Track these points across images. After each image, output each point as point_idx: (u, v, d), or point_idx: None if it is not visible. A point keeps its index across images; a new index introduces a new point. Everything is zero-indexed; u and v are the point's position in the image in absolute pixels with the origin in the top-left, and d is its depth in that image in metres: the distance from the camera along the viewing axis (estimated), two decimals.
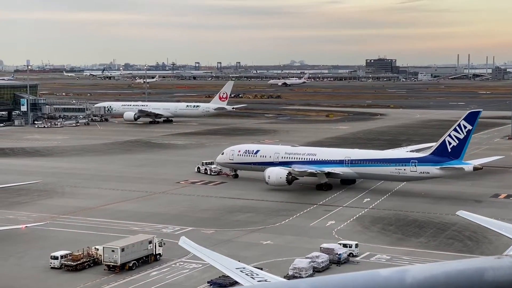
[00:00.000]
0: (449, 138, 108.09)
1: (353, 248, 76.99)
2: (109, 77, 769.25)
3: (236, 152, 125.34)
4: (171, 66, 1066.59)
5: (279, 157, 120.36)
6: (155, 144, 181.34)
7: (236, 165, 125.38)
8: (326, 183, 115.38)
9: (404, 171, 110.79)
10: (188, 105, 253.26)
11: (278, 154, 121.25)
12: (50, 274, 70.34)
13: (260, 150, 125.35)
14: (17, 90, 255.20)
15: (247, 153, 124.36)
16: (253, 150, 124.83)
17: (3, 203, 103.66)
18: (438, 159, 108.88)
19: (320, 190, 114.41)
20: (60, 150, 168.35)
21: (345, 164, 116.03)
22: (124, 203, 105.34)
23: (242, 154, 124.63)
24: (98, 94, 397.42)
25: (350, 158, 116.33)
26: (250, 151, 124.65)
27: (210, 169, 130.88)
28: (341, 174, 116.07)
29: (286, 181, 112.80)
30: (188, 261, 72.65)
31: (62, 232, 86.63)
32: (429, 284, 7.56)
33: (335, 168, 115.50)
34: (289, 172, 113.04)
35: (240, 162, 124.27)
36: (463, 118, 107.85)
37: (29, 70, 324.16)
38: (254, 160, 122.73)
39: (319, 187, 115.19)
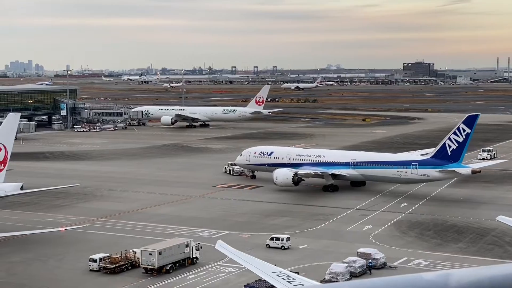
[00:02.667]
0: (449, 141, 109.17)
1: (284, 241, 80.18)
2: (147, 82, 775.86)
3: (252, 153, 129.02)
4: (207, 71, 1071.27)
5: (291, 159, 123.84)
6: (192, 148, 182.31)
7: (253, 166, 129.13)
8: (332, 185, 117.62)
9: (405, 173, 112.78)
10: (224, 109, 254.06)
11: (290, 156, 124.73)
12: (89, 276, 71.13)
13: (274, 151, 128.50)
14: (57, 94, 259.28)
15: (262, 155, 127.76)
16: (268, 152, 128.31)
17: (43, 206, 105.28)
18: (438, 162, 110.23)
19: (327, 191, 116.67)
20: (98, 154, 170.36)
21: (351, 166, 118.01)
22: (161, 207, 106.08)
23: (257, 155, 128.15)
24: (136, 99, 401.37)
25: (355, 161, 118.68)
26: (265, 153, 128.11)
27: (233, 169, 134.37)
28: (347, 176, 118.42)
29: (292, 182, 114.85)
30: (225, 265, 72.82)
31: (100, 235, 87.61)
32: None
33: (341, 170, 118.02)
34: (295, 173, 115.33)
35: (256, 163, 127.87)
36: (462, 122, 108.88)
37: (68, 75, 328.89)
38: (268, 162, 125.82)
39: (325, 189, 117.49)
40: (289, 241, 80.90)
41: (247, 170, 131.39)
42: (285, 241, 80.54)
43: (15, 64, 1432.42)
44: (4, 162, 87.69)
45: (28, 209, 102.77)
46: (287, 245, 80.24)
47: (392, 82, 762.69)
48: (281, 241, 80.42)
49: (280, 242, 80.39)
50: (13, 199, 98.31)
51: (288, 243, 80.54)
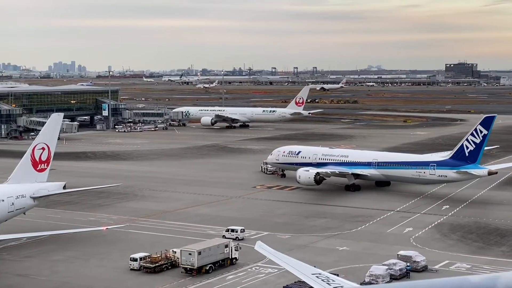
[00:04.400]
0: (466, 143, 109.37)
1: (238, 233, 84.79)
2: (187, 83, 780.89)
3: (281, 153, 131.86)
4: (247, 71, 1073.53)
5: (317, 158, 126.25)
6: (232, 149, 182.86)
7: (282, 165, 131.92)
8: (354, 184, 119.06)
9: (423, 174, 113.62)
10: (264, 110, 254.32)
11: (316, 156, 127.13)
12: (130, 275, 71.83)
13: (301, 151, 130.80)
14: (99, 95, 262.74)
15: (290, 154, 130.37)
16: (296, 151, 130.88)
17: (85, 205, 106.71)
18: (455, 163, 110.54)
19: (348, 190, 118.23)
20: (139, 154, 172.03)
21: (372, 166, 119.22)
22: (201, 207, 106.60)
23: (286, 154, 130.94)
24: (176, 99, 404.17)
25: (377, 161, 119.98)
26: (293, 152, 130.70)
27: (267, 168, 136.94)
28: (369, 176, 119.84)
29: (314, 181, 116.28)
30: (264, 266, 72.82)
31: (141, 234, 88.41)
32: None
33: (363, 170, 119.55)
34: (317, 173, 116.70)
35: (285, 162, 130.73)
36: (479, 123, 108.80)
37: (110, 76, 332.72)
38: (296, 161, 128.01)
39: (348, 188, 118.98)
40: (243, 232, 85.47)
41: (278, 169, 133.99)
42: (239, 232, 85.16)
43: (59, 65, 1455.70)
44: (48, 162, 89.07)
45: (71, 208, 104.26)
46: (241, 236, 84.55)
47: (434, 83, 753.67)
48: (235, 233, 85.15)
49: (234, 233, 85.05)
50: (56, 198, 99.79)
51: (243, 234, 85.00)
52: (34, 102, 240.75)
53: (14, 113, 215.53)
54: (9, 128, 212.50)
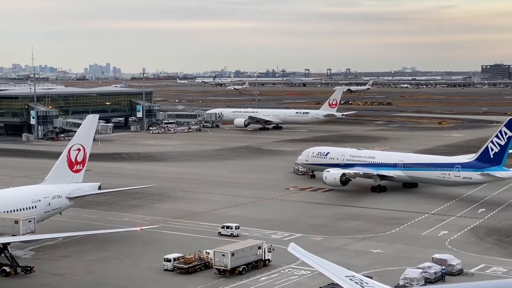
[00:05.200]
0: (491, 145, 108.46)
1: (233, 230, 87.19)
2: (220, 84, 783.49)
3: (311, 153, 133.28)
4: (281, 73, 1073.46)
5: (345, 159, 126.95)
6: (265, 151, 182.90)
7: (311, 166, 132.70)
8: (380, 186, 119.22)
9: (448, 175, 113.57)
10: (297, 111, 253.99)
11: (344, 157, 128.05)
12: (163, 276, 72.26)
13: (330, 152, 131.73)
14: (133, 97, 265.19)
15: (319, 155, 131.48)
16: (324, 152, 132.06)
17: (119, 206, 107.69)
18: (480, 164, 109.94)
19: (374, 192, 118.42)
20: (173, 155, 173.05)
21: (398, 167, 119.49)
22: (234, 208, 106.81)
23: (315, 155, 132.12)
24: (210, 101, 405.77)
25: (403, 162, 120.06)
26: (321, 153, 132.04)
27: (298, 169, 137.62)
28: (394, 177, 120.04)
29: (340, 181, 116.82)
30: (297, 268, 72.70)
31: (175, 235, 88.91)
32: None
33: (389, 171, 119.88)
34: (343, 173, 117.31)
35: (314, 163, 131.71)
36: (504, 125, 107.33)
37: (144, 77, 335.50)
38: (324, 162, 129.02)
39: (373, 189, 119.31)
40: (238, 229, 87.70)
41: (309, 170, 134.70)
42: (234, 229, 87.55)
43: (94, 67, 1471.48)
44: (83, 163, 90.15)
45: (105, 209, 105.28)
46: (236, 233, 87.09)
47: (470, 84, 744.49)
48: (230, 229, 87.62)
49: (229, 230, 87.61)
50: (91, 198, 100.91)
51: (237, 231, 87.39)
52: (70, 103, 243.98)
53: (51, 115, 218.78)
54: (45, 129, 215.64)
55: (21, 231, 71.02)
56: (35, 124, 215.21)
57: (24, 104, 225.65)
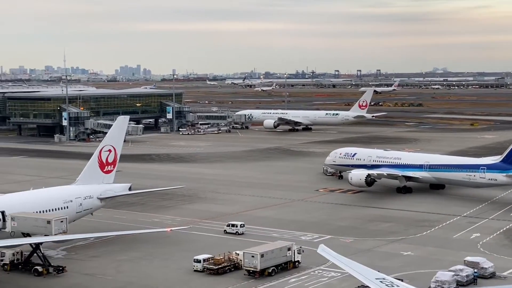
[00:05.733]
0: None
1: (238, 228, 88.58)
2: (250, 86, 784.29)
3: (338, 154, 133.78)
4: (310, 74, 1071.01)
5: (371, 160, 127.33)
6: (294, 152, 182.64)
7: (338, 166, 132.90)
8: (405, 187, 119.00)
9: (474, 177, 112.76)
10: (327, 113, 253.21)
11: (371, 158, 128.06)
12: (193, 276, 72.47)
13: (357, 153, 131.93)
14: (163, 98, 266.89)
15: (346, 156, 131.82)
16: (351, 153, 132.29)
17: (149, 207, 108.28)
18: (506, 166, 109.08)
19: (400, 193, 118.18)
20: (202, 157, 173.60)
21: (424, 168, 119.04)
22: (263, 210, 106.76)
23: (342, 156, 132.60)
24: (239, 102, 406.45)
25: (429, 163, 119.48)
26: (349, 154, 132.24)
27: (327, 170, 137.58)
28: (420, 178, 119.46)
29: (365, 182, 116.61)
30: (327, 269, 72.40)
31: (204, 236, 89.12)
32: None
33: (415, 172, 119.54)
34: (368, 174, 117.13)
35: (341, 164, 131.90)
36: None
37: (174, 79, 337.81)
38: (351, 163, 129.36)
39: (399, 190, 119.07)
40: (243, 227, 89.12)
41: (337, 171, 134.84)
42: (239, 227, 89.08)
43: (125, 69, 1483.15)
44: (114, 164, 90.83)
45: (136, 209, 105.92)
46: (241, 231, 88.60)
47: (503, 85, 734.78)
48: (235, 227, 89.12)
49: (235, 228, 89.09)
50: (122, 199, 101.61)
51: (242, 229, 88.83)
52: (101, 105, 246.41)
53: (82, 116, 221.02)
54: (77, 131, 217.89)
55: (53, 231, 71.74)
56: (67, 125, 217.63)
57: (56, 106, 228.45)
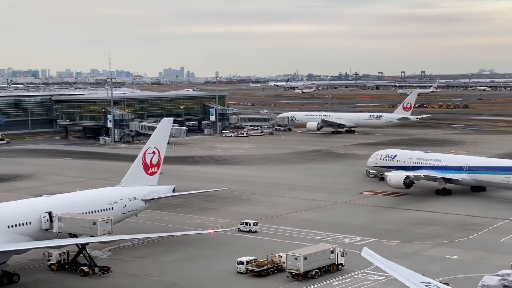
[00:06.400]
0: None
1: (251, 226, 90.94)
2: (293, 88, 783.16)
3: (379, 156, 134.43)
4: (354, 76, 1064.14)
5: (411, 162, 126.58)
6: (337, 154, 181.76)
7: (379, 168, 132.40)
8: (445, 189, 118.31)
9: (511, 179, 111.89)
10: (371, 115, 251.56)
11: (411, 159, 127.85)
12: (236, 278, 72.64)
13: (397, 155, 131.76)
14: (206, 100, 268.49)
15: (387, 158, 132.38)
16: (392, 155, 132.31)
17: (193, 209, 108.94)
18: None
19: (439, 195, 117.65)
20: (245, 159, 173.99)
21: (463, 170, 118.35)
22: (306, 212, 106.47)
23: (383, 158, 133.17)
24: (282, 104, 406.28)
25: (468, 165, 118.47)
26: (389, 156, 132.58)
27: (369, 171, 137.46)
28: (459, 180, 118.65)
29: (404, 184, 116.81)
30: (371, 273, 71.82)
31: (247, 238, 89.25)
32: None
33: (454, 174, 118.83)
34: (406, 176, 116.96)
35: (382, 165, 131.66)
36: None
37: (217, 81, 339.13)
38: (392, 164, 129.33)
39: (438, 192, 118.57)
40: (256, 225, 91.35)
41: (378, 172, 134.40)
42: (252, 225, 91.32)
43: (168, 71, 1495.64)
44: (158, 166, 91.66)
45: (179, 211, 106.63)
46: (254, 229, 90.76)
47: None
48: (249, 226, 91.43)
49: (248, 226, 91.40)
50: (165, 201, 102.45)
51: (256, 228, 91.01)
52: (145, 107, 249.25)
53: (127, 118, 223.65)
54: (122, 133, 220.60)
55: (99, 232, 72.72)
56: (111, 127, 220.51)
57: (101, 108, 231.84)
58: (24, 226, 74.31)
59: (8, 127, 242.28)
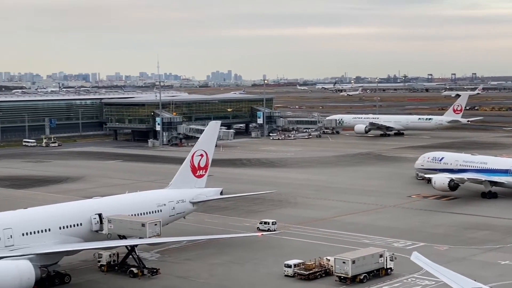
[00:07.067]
0: None
1: (270, 225, 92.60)
2: (340, 90, 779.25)
3: (426, 158, 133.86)
4: (402, 78, 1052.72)
5: (458, 165, 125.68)
6: (386, 157, 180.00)
7: (426, 170, 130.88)
8: (490, 192, 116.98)
9: None
10: (420, 117, 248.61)
11: (457, 162, 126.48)
12: (284, 281, 72.41)
13: (444, 157, 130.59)
14: (254, 103, 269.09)
15: (434, 160, 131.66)
16: (439, 157, 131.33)
17: (240, 211, 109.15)
18: None
19: (484, 198, 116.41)
20: (293, 162, 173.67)
21: (509, 173, 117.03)
22: (354, 215, 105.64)
23: (430, 160, 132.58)
24: (330, 107, 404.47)
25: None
26: (436, 158, 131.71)
27: (418, 174, 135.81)
28: (505, 183, 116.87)
29: (449, 187, 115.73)
30: (420, 277, 70.78)
31: (295, 241, 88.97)
32: None
33: (500, 177, 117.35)
34: (451, 179, 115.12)
35: (429, 168, 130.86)
36: None
37: (265, 84, 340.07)
38: (438, 167, 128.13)
39: (484, 195, 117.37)
40: (274, 225, 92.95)
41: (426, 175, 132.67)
42: (270, 224, 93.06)
43: (216, 74, 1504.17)
44: (206, 168, 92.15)
45: (227, 214, 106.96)
46: (272, 228, 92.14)
47: None
48: (267, 225, 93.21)
49: (267, 225, 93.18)
50: (213, 203, 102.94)
51: (274, 227, 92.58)
52: (193, 110, 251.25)
53: (175, 121, 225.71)
54: (170, 135, 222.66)
55: (148, 234, 73.45)
56: (160, 130, 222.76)
57: (150, 111, 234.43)
58: (75, 228, 75.58)
59: (59, 130, 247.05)
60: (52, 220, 74.56)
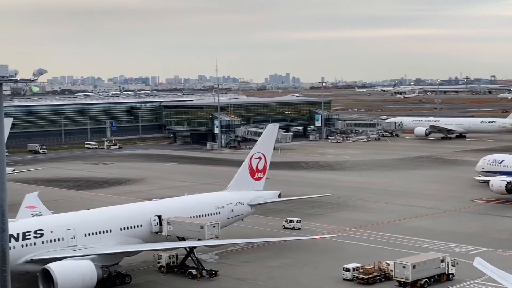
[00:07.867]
0: None
1: (294, 223, 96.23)
2: (400, 93, 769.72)
3: (487, 161, 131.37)
4: (464, 80, 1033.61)
5: None
6: (447, 160, 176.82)
7: (486, 173, 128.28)
8: None
9: None
10: (482, 120, 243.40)
11: None
12: (343, 285, 71.84)
13: (504, 160, 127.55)
14: (312, 106, 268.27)
15: (494, 163, 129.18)
16: (499, 160, 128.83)
17: (298, 214, 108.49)
18: None
19: None
20: (351, 165, 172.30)
21: None
22: (414, 219, 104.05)
23: (490, 163, 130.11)
24: (389, 110, 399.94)
25: None
26: (496, 161, 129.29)
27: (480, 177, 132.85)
28: None
29: (506, 190, 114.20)
30: (483, 283, 69.21)
31: (353, 245, 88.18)
32: None
33: None
34: (508, 182, 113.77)
35: (489, 170, 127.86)
36: None
37: (323, 86, 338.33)
38: (498, 170, 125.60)
39: None
40: (299, 223, 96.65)
41: None
42: (295, 223, 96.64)
43: (274, 77, 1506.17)
44: (264, 171, 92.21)
45: (284, 216, 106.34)
46: (297, 227, 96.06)
47: None
48: (292, 223, 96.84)
49: (292, 223, 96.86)
50: (271, 206, 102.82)
51: (299, 225, 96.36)
52: (251, 113, 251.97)
53: (233, 124, 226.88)
54: (228, 138, 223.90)
55: (206, 236, 73.90)
56: (218, 133, 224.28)
57: (208, 114, 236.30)
58: (135, 229, 76.67)
59: (120, 132, 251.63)
60: (113, 221, 75.85)
